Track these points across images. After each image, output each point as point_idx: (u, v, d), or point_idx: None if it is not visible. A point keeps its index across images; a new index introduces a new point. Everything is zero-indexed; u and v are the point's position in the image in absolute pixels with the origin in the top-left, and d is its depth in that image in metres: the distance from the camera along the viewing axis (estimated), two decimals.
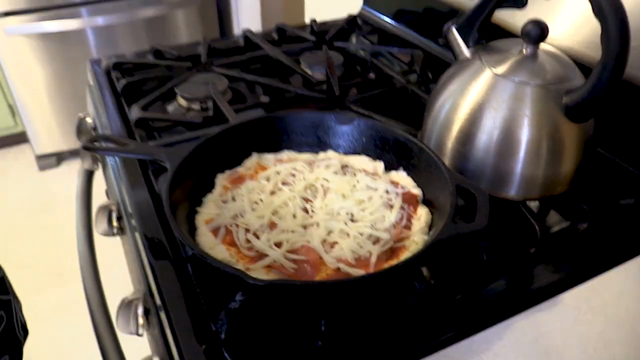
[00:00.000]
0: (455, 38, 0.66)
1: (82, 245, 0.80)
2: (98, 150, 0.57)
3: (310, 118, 0.64)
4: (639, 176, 0.65)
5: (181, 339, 0.46)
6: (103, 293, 0.73)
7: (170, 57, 0.96)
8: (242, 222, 0.51)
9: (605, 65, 0.51)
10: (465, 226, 0.46)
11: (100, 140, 0.58)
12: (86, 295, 0.74)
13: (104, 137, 0.58)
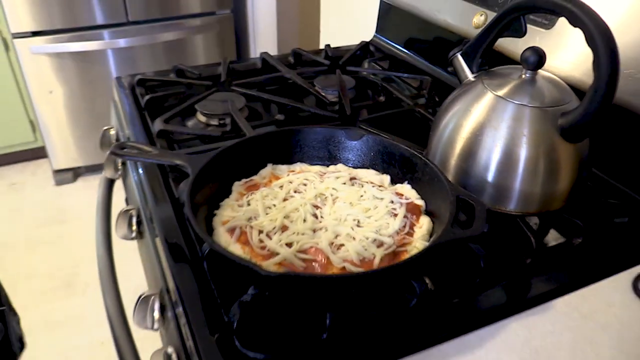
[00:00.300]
0: (461, 64, 0.71)
1: (100, 249, 0.84)
2: (126, 156, 0.62)
3: (322, 133, 0.68)
4: (633, 197, 0.68)
5: (195, 329, 0.50)
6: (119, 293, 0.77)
7: (192, 76, 1.02)
8: (256, 224, 0.55)
9: (596, 89, 0.55)
10: (462, 232, 0.50)
11: (127, 147, 0.62)
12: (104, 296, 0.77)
13: (130, 145, 0.63)
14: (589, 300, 0.53)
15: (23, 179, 2.51)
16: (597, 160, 0.72)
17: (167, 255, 0.59)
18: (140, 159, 0.64)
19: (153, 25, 2.33)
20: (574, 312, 0.51)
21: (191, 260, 0.58)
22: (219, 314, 0.51)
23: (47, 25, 2.14)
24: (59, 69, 2.25)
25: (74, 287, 1.93)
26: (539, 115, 0.61)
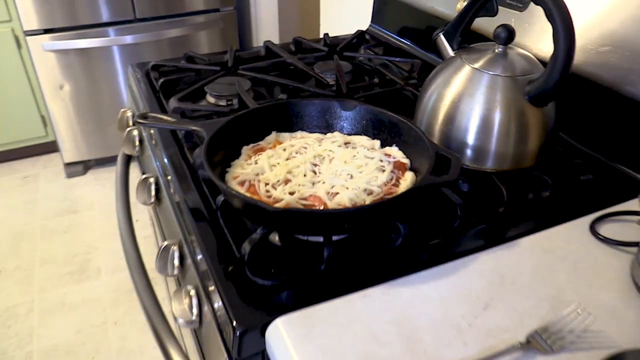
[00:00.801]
0: (443, 42, 0.79)
1: (121, 216, 0.92)
2: (149, 124, 0.70)
3: (320, 105, 0.77)
4: (597, 158, 0.77)
5: (212, 265, 0.58)
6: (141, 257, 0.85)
7: (201, 62, 1.10)
8: (263, 177, 0.64)
9: (556, 59, 0.63)
10: (439, 178, 0.58)
11: (149, 117, 0.71)
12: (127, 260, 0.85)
13: (151, 115, 0.71)
14: (551, 239, 0.61)
15: (35, 172, 2.60)
16: (565, 126, 0.81)
17: (186, 210, 0.68)
18: (162, 125, 0.73)
19: (159, 22, 2.42)
20: (537, 247, 0.60)
21: (207, 213, 0.67)
22: (232, 253, 0.60)
23: (58, 22, 2.23)
24: (69, 65, 2.34)
25: (87, 272, 2.02)
26: (509, 84, 0.69)
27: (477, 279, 0.55)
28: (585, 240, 0.61)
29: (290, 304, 0.52)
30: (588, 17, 0.77)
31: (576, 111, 0.81)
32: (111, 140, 2.56)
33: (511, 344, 0.47)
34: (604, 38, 0.76)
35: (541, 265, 0.57)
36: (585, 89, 0.79)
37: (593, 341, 0.48)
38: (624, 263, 0.57)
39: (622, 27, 0.74)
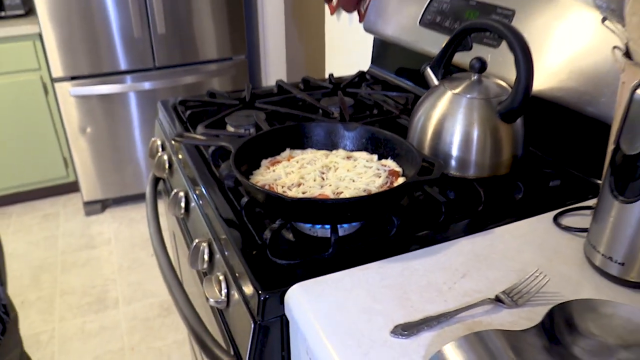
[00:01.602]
0: (429, 74, 0.94)
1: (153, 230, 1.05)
2: (185, 141, 0.84)
3: (326, 126, 0.91)
4: (564, 168, 0.90)
5: (240, 252, 0.71)
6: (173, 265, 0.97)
7: (222, 98, 1.26)
8: (280, 182, 0.77)
9: (519, 82, 0.78)
10: (424, 177, 0.71)
11: (184, 136, 0.85)
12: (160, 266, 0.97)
13: (186, 135, 0.86)
14: (520, 228, 0.74)
15: (56, 211, 2.75)
16: (537, 142, 0.94)
17: (215, 213, 0.81)
18: (196, 142, 0.87)
19: (176, 70, 2.62)
20: (508, 234, 0.72)
21: (233, 214, 0.80)
22: (255, 242, 0.72)
23: (85, 70, 2.43)
24: (92, 110, 2.52)
25: (105, 302, 2.13)
26: (484, 104, 0.83)
27: (456, 257, 0.67)
28: (549, 228, 0.74)
29: (304, 277, 0.65)
30: (554, 48, 0.92)
31: (545, 129, 0.95)
32: (128, 179, 2.72)
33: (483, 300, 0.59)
34: (568, 66, 0.91)
35: (511, 247, 0.69)
36: (552, 110, 0.93)
37: (550, 298, 0.59)
38: (579, 245, 0.69)
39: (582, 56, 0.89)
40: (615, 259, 0.63)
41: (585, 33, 0.88)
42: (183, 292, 0.89)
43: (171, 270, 0.93)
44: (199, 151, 1.00)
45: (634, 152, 0.57)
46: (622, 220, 0.61)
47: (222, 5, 2.60)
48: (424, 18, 1.25)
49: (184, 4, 2.49)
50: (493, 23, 0.80)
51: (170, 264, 0.95)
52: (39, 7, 2.27)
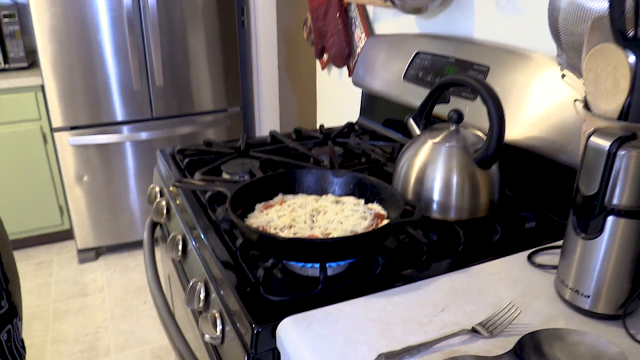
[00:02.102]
0: (412, 124, 1.01)
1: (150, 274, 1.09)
2: (184, 187, 0.90)
3: (316, 173, 0.97)
4: (539, 211, 0.96)
5: (235, 289, 0.75)
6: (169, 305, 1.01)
7: (218, 147, 1.33)
8: (273, 224, 0.83)
9: (492, 132, 0.85)
10: (406, 219, 0.77)
11: (183, 182, 0.91)
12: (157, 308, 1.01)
13: (185, 180, 0.91)
14: (496, 266, 0.79)
15: (49, 258, 2.76)
16: (513, 187, 1.01)
17: (212, 254, 0.86)
18: (194, 187, 0.93)
19: (172, 121, 2.71)
20: (485, 271, 0.78)
21: (228, 255, 0.85)
22: (249, 280, 0.77)
23: (85, 120, 2.51)
24: (89, 159, 2.59)
25: (97, 350, 2.12)
26: (462, 153, 0.90)
27: (437, 292, 0.72)
28: (523, 266, 0.79)
29: (294, 311, 0.69)
30: (526, 101, 1.00)
31: (521, 175, 1.02)
32: (122, 227, 2.75)
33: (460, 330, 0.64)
34: (539, 118, 0.99)
35: (487, 283, 0.75)
36: (526, 158, 1.00)
37: (522, 329, 0.64)
38: (551, 281, 0.75)
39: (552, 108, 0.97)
40: (583, 293, 0.68)
41: (554, 88, 0.97)
42: (180, 334, 0.93)
43: (168, 312, 0.97)
44: (196, 197, 1.06)
45: (591, 192, 0.64)
46: (587, 255, 0.67)
47: (218, 59, 2.72)
48: (407, 73, 1.34)
49: (181, 57, 2.61)
50: (468, 79, 0.88)
51: (168, 306, 0.99)
52: (43, 60, 2.37)
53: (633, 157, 0.60)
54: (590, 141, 0.64)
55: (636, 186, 0.61)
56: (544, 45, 1.04)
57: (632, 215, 0.63)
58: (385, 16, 1.61)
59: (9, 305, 0.81)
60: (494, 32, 1.20)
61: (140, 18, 2.47)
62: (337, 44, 1.75)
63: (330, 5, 1.75)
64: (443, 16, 1.35)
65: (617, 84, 0.74)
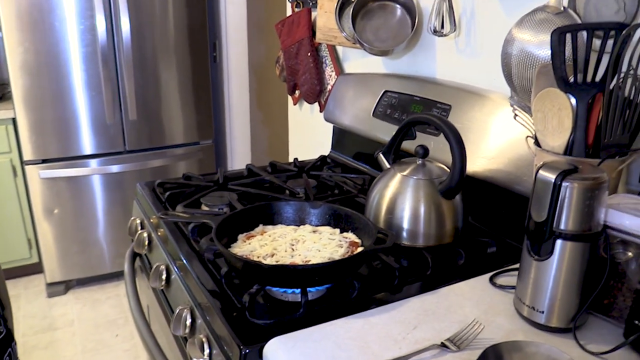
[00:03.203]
0: (382, 159, 1.10)
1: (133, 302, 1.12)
2: (170, 219, 0.95)
3: (294, 205, 1.04)
4: (499, 237, 1.05)
5: (222, 314, 0.81)
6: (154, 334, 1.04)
7: (197, 180, 1.38)
8: (255, 252, 0.89)
9: (454, 166, 0.94)
10: (379, 246, 0.84)
11: (168, 215, 0.96)
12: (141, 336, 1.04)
13: (170, 213, 0.97)
14: (462, 287, 0.87)
15: (17, 293, 2.71)
16: (476, 215, 1.10)
17: (197, 282, 0.91)
18: (181, 219, 0.98)
19: (145, 154, 2.74)
20: (451, 293, 0.85)
21: (213, 283, 0.90)
22: (235, 306, 0.82)
23: (56, 153, 2.52)
24: (59, 192, 2.59)
25: None
26: (428, 185, 0.99)
27: (409, 312, 0.79)
28: (485, 287, 0.87)
29: (279, 333, 0.75)
30: (486, 137, 1.10)
31: (483, 204, 1.11)
32: (92, 260, 2.74)
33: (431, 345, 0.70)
34: (497, 152, 1.08)
35: (454, 303, 0.82)
36: (487, 189, 1.09)
37: (486, 343, 0.71)
38: (510, 300, 0.83)
39: (508, 143, 1.07)
40: (538, 309, 0.76)
41: (509, 125, 1.07)
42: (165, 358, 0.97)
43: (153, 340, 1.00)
44: (178, 228, 1.11)
45: (541, 219, 0.72)
46: (540, 275, 0.76)
47: (190, 92, 2.78)
48: (376, 110, 1.44)
49: (154, 91, 2.66)
50: (432, 118, 0.97)
51: (152, 334, 1.03)
52: (15, 93, 2.38)
53: (575, 188, 0.70)
54: (539, 174, 0.73)
55: (579, 213, 0.70)
56: (499, 87, 1.15)
57: (577, 238, 0.72)
58: (354, 56, 1.71)
59: (6, 330, 0.84)
60: (454, 74, 1.31)
61: (114, 52, 2.52)
62: (308, 81, 1.84)
63: (302, 45, 1.85)
64: (408, 58, 1.46)
65: (562, 123, 0.84)
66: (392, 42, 1.40)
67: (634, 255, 0.76)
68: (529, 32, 0.97)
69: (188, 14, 2.69)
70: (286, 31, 1.91)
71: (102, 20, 2.44)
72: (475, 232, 1.09)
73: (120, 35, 2.50)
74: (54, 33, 2.39)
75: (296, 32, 1.86)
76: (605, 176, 0.72)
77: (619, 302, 0.77)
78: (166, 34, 2.64)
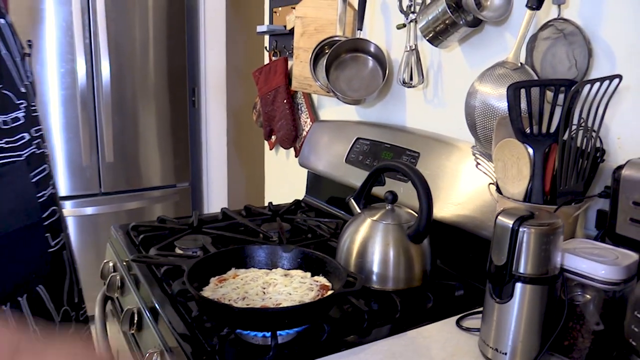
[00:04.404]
0: (353, 204, 1.13)
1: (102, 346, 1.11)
2: (144, 262, 0.96)
3: (267, 248, 1.06)
4: (466, 280, 1.08)
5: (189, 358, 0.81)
6: None
7: (171, 223, 1.39)
8: (226, 296, 0.90)
9: (422, 211, 0.98)
10: (348, 289, 0.87)
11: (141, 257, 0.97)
12: None
13: (143, 256, 0.98)
14: (429, 330, 0.89)
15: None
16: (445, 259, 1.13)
17: (168, 326, 0.91)
18: (154, 262, 0.99)
19: (121, 196, 2.73)
20: (419, 335, 0.87)
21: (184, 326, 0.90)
22: (205, 349, 0.83)
23: None
24: None
25: None
26: (397, 229, 1.02)
27: (377, 355, 0.81)
28: (452, 330, 0.89)
29: None
30: (452, 184, 1.15)
31: (450, 248, 1.14)
32: None
33: None
34: (463, 198, 1.13)
35: (421, 345, 0.84)
36: (454, 233, 1.13)
37: None
38: (476, 342, 0.85)
39: (473, 190, 1.11)
40: (502, 350, 0.79)
41: (475, 173, 1.11)
42: None
43: None
44: (151, 271, 1.11)
45: (501, 263, 0.76)
46: (502, 317, 0.78)
47: (168, 136, 2.81)
48: (349, 157, 1.48)
49: (133, 133, 2.69)
50: (400, 165, 1.01)
51: None
52: None
53: (531, 234, 0.73)
54: (498, 220, 0.77)
55: (536, 257, 0.74)
56: (466, 136, 1.21)
57: (535, 281, 0.75)
58: (328, 104, 1.77)
59: None
60: (423, 122, 1.37)
61: (94, 95, 2.55)
62: (284, 127, 1.89)
63: (278, 92, 1.90)
64: (379, 107, 1.52)
65: (521, 172, 0.89)
66: (364, 92, 1.46)
67: (592, 297, 0.79)
68: (489, 86, 1.04)
69: (168, 59, 2.75)
70: (263, 79, 1.97)
71: (83, 64, 2.49)
72: (444, 276, 1.12)
73: (100, 79, 2.54)
74: (34, 76, 2.41)
75: (273, 80, 1.92)
76: (560, 222, 0.76)
77: (579, 343, 0.80)
78: (146, 78, 2.69)
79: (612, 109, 0.94)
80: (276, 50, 1.98)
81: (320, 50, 1.58)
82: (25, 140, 0.76)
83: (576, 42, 0.97)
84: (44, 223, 0.80)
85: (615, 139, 0.96)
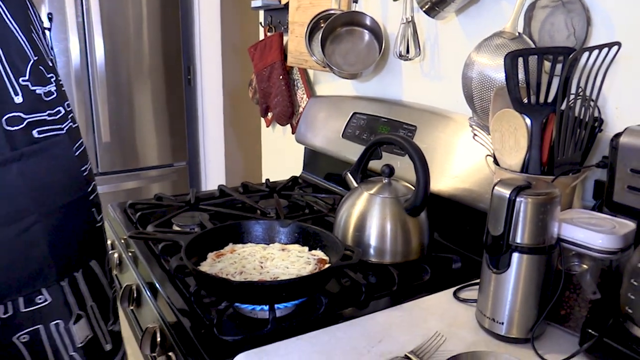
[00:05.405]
0: (349, 178, 1.12)
1: None
2: (141, 238, 0.96)
3: (264, 223, 1.06)
4: (464, 253, 1.08)
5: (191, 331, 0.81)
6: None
7: (169, 200, 1.39)
8: (224, 271, 0.90)
9: (418, 185, 0.97)
10: (345, 262, 0.87)
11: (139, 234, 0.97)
12: None
13: (141, 232, 0.97)
14: (426, 302, 0.89)
15: None
16: (442, 232, 1.13)
17: (166, 299, 0.92)
18: (152, 237, 0.99)
19: (118, 176, 2.73)
20: (416, 307, 0.87)
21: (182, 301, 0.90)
22: (203, 323, 0.83)
23: None
24: None
25: None
26: (394, 202, 1.02)
27: (374, 326, 0.81)
28: (449, 301, 0.90)
29: (247, 348, 0.76)
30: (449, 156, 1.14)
31: (447, 221, 1.14)
32: None
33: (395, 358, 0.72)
34: (460, 170, 1.12)
35: (418, 317, 0.84)
36: (451, 206, 1.13)
37: (448, 354, 0.73)
38: (473, 313, 0.85)
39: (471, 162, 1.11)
40: (498, 320, 0.79)
41: (472, 145, 1.11)
42: None
43: None
44: (149, 248, 1.11)
45: (498, 233, 0.76)
46: (499, 288, 0.78)
47: (164, 115, 2.79)
48: (345, 132, 1.47)
49: (128, 113, 2.67)
50: (397, 138, 1.00)
51: None
52: None
53: (528, 203, 0.73)
54: (495, 190, 0.76)
55: (533, 227, 0.74)
56: (462, 108, 1.20)
57: (532, 251, 0.75)
58: (325, 79, 1.76)
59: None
60: (420, 96, 1.36)
61: (88, 75, 2.53)
62: (280, 103, 1.88)
63: (274, 68, 1.88)
64: (376, 81, 1.50)
65: (518, 142, 0.89)
66: (360, 66, 1.45)
67: (589, 267, 0.79)
68: (486, 56, 1.02)
69: (163, 37, 2.72)
70: (259, 55, 1.95)
71: (77, 43, 2.45)
72: (441, 249, 1.12)
73: (94, 58, 2.51)
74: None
75: (268, 56, 1.90)
76: (557, 192, 0.75)
77: (575, 312, 0.80)
78: (141, 57, 2.66)
79: (610, 79, 0.93)
80: (271, 25, 1.96)
81: (316, 24, 1.56)
82: (62, 114, 0.75)
83: (575, 10, 0.95)
84: (89, 197, 0.79)
85: (614, 108, 0.95)
